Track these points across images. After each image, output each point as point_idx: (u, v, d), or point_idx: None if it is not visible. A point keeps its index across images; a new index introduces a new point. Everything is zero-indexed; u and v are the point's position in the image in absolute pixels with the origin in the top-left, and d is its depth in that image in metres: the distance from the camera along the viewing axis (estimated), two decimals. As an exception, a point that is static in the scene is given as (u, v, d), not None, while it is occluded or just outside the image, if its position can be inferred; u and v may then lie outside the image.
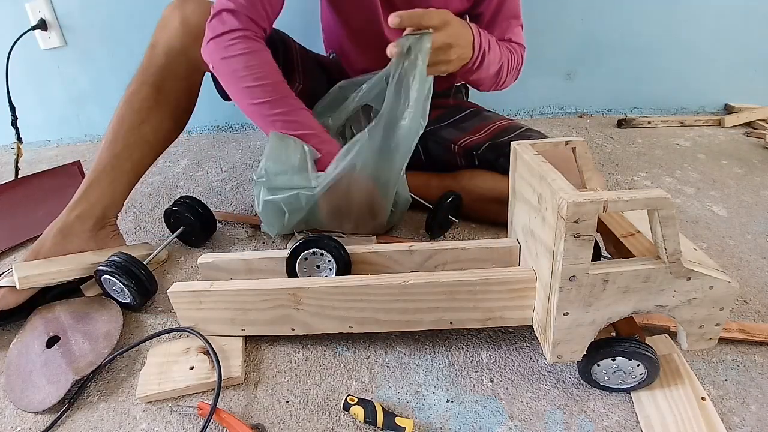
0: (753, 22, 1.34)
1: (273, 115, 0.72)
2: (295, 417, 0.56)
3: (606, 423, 0.54)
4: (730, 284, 0.50)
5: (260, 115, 0.73)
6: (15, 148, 1.12)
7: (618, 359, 0.53)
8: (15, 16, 1.31)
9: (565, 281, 0.48)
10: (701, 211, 0.96)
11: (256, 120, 0.75)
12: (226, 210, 1.02)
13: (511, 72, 0.87)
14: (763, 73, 1.42)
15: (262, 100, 0.71)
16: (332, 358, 0.64)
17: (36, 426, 0.57)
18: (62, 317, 0.70)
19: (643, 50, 1.39)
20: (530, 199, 0.59)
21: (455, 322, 0.61)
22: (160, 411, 0.57)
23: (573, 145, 0.65)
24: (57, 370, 0.61)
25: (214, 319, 0.64)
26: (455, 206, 0.87)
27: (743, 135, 1.34)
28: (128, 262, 0.71)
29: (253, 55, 0.71)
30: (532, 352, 0.63)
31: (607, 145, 1.29)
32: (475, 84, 0.87)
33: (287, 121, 0.72)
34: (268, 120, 0.73)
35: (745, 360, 0.61)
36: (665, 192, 0.45)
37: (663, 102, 1.48)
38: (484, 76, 0.81)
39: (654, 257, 0.49)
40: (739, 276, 0.76)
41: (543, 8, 1.32)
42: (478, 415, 0.55)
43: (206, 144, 1.42)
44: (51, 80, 1.43)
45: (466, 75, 0.79)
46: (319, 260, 0.70)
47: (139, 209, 1.05)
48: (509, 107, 1.49)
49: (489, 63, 0.78)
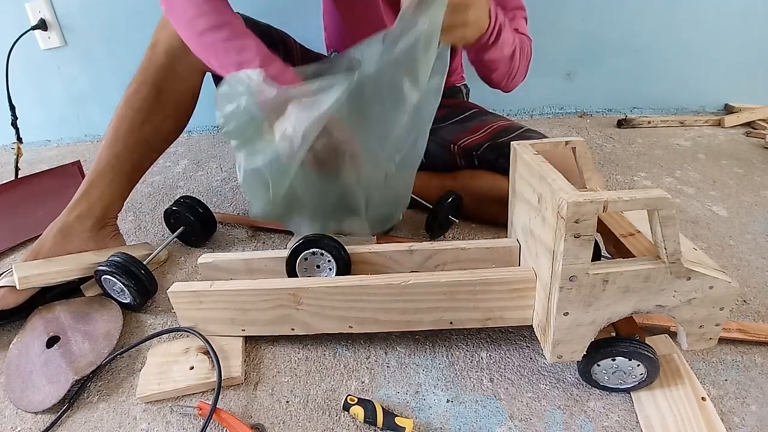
0: (753, 22, 1.34)
1: (214, 42, 0.66)
2: (295, 417, 0.56)
3: (606, 423, 0.54)
4: (730, 284, 0.50)
5: (203, 46, 0.68)
6: (15, 148, 1.12)
7: (618, 359, 0.53)
8: (15, 16, 1.32)
9: (565, 281, 0.48)
10: (701, 211, 0.96)
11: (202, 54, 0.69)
12: (226, 210, 1.02)
13: (522, 63, 0.81)
14: (763, 73, 1.42)
15: (204, 28, 0.66)
16: (332, 358, 0.64)
17: (36, 426, 0.57)
18: (62, 317, 0.70)
19: (643, 50, 1.39)
20: (530, 199, 0.59)
21: (455, 322, 0.61)
22: (160, 411, 0.57)
23: (573, 145, 0.65)
24: (57, 370, 0.61)
25: (214, 319, 0.64)
26: (455, 206, 0.87)
27: (743, 135, 1.34)
28: (128, 262, 0.71)
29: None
30: (532, 352, 0.63)
31: (607, 145, 1.29)
32: (489, 68, 0.77)
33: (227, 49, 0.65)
34: (211, 50, 0.67)
35: (745, 360, 0.61)
36: (665, 192, 0.45)
37: (663, 102, 1.48)
38: (499, 57, 0.74)
39: (654, 257, 0.49)
40: (739, 276, 0.76)
41: (543, 8, 1.32)
42: (478, 415, 0.55)
43: (206, 144, 1.42)
44: (51, 80, 1.43)
45: (480, 53, 0.72)
46: (319, 260, 0.70)
47: (139, 209, 1.05)
48: (509, 107, 1.49)
49: (504, 41, 0.72)
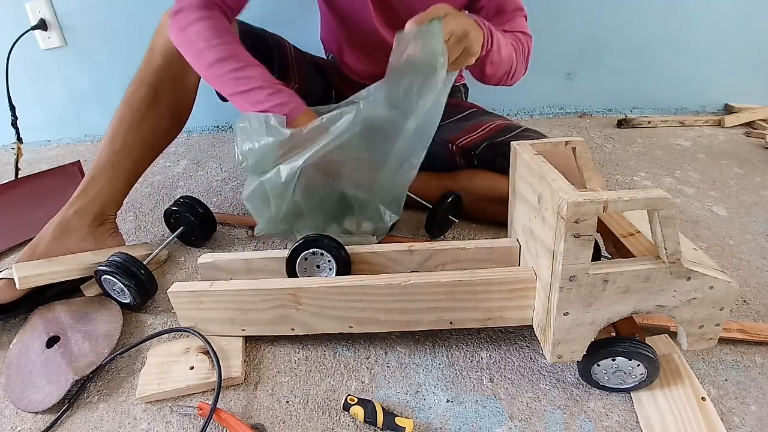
0: (753, 21, 1.34)
1: (224, 74, 0.70)
2: (295, 417, 0.56)
3: (606, 423, 0.54)
4: (730, 284, 0.50)
5: (213, 77, 0.71)
6: (15, 148, 1.12)
7: (618, 359, 0.53)
8: (15, 16, 1.31)
9: (565, 281, 0.48)
10: (701, 211, 0.96)
11: (212, 83, 0.73)
12: (226, 210, 1.02)
13: (520, 61, 0.83)
14: (763, 73, 1.42)
15: (213, 60, 0.69)
16: (332, 358, 0.64)
17: (36, 426, 0.57)
18: (62, 317, 0.70)
19: (643, 50, 1.39)
20: (530, 199, 0.59)
21: (455, 322, 0.61)
22: (160, 411, 0.57)
23: (573, 145, 0.65)
24: (57, 370, 0.61)
25: (214, 319, 0.64)
26: (455, 206, 0.87)
27: (743, 135, 1.34)
28: (128, 262, 0.71)
29: (204, 22, 0.70)
30: (532, 352, 0.63)
31: (607, 145, 1.29)
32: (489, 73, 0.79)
33: (237, 78, 0.69)
34: (221, 81, 0.70)
35: (745, 360, 0.61)
36: (665, 192, 0.45)
37: (663, 102, 1.48)
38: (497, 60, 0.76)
39: (654, 257, 0.49)
40: (739, 276, 0.76)
41: (543, 8, 1.32)
42: (478, 415, 0.55)
43: (206, 144, 1.42)
44: (51, 80, 1.43)
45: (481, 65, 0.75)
46: (319, 260, 0.70)
47: (139, 209, 1.05)
48: (509, 107, 1.49)
49: (499, 43, 0.74)
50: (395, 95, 0.66)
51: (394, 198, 0.77)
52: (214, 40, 0.69)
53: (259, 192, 0.69)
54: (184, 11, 0.70)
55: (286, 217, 0.72)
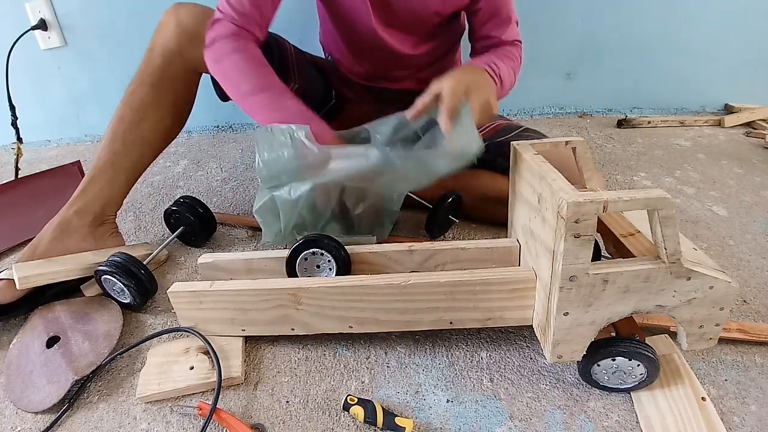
0: (753, 22, 1.34)
1: (259, 104, 0.73)
2: (295, 417, 0.56)
3: (606, 423, 0.54)
4: (730, 284, 0.50)
5: (249, 107, 0.74)
6: (15, 148, 1.12)
7: (618, 359, 0.53)
8: (15, 16, 1.31)
9: (565, 281, 0.48)
10: (701, 211, 0.96)
11: (248, 112, 0.75)
12: (226, 210, 1.02)
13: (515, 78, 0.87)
14: (763, 73, 1.42)
15: (246, 90, 0.73)
16: (332, 358, 0.64)
17: (36, 426, 0.57)
18: (62, 317, 0.70)
19: (643, 50, 1.39)
20: (530, 199, 0.59)
21: (455, 322, 0.61)
22: (160, 411, 0.57)
23: (573, 145, 0.65)
24: (57, 370, 0.61)
25: (214, 319, 0.64)
26: (455, 206, 0.87)
27: (743, 135, 1.34)
28: (128, 262, 0.71)
29: (239, 54, 0.73)
30: (532, 352, 0.63)
31: (607, 145, 1.29)
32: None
33: (272, 111, 0.72)
34: (256, 111, 0.74)
35: (745, 360, 0.61)
36: (665, 192, 0.45)
37: (663, 102, 1.48)
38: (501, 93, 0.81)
39: (654, 257, 0.50)
40: (739, 276, 0.76)
41: (543, 8, 1.32)
42: (478, 415, 0.55)
43: (206, 144, 1.42)
44: (51, 80, 1.43)
45: None
46: (319, 260, 0.70)
47: (139, 209, 1.05)
48: (509, 107, 1.49)
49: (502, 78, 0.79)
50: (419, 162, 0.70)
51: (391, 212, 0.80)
52: (248, 72, 0.73)
53: (269, 205, 0.71)
54: (218, 42, 0.73)
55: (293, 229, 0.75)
